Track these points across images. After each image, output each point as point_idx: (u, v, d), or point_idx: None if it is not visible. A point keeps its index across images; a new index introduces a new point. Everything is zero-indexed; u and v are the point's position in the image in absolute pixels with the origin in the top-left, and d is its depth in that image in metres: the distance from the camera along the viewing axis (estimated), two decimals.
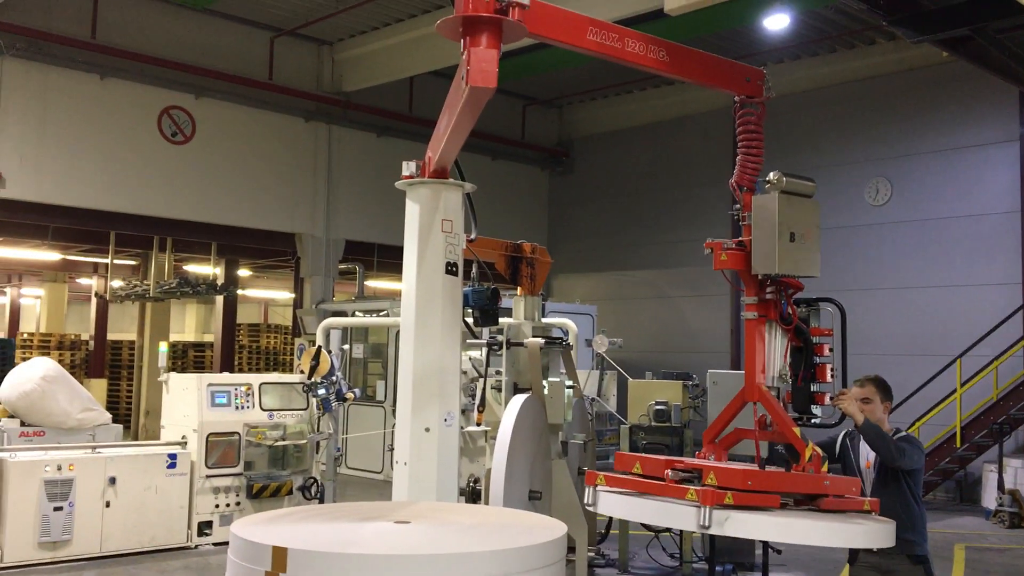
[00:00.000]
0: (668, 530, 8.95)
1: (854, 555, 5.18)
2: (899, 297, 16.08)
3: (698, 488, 4.23)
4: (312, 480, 10.29)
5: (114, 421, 11.14)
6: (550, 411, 7.42)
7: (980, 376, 14.00)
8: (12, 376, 10.54)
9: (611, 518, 8.26)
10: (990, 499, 13.09)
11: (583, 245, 20.64)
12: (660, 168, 19.88)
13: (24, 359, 13.86)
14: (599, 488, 4.69)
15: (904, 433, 5.16)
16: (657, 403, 9.28)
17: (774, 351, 4.94)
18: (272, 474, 10.31)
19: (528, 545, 3.95)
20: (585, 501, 4.74)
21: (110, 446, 9.78)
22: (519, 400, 6.43)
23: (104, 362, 21.54)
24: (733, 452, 5.12)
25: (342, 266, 18.42)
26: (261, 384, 10.51)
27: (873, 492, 5.05)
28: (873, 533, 4.44)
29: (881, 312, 16.24)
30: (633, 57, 4.76)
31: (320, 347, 9.11)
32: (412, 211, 5.58)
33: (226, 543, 4.07)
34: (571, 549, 6.68)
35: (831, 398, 5.00)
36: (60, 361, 14.90)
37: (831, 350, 5.07)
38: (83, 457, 9.19)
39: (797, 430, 4.69)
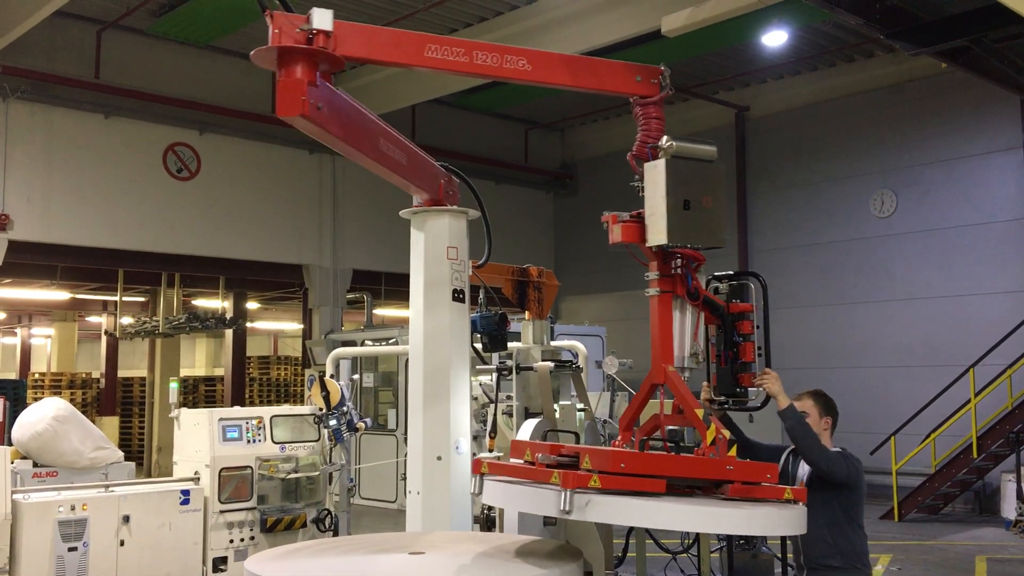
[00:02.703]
0: (685, 551, 8.87)
1: None
2: (909, 308, 16.02)
3: (561, 471, 3.89)
4: (326, 512, 10.23)
5: (126, 458, 11.09)
6: (562, 435, 7.39)
7: (994, 385, 13.91)
8: (24, 417, 10.52)
9: (627, 542, 8.18)
10: (1009, 509, 12.97)
11: (590, 267, 20.63)
12: None
13: (36, 399, 13.88)
14: (484, 476, 4.33)
15: (840, 449, 4.87)
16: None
17: (683, 330, 4.62)
18: (285, 507, 10.24)
19: (544, 572, 3.92)
20: (471, 491, 4.40)
21: (123, 484, 9.73)
22: (531, 425, 6.40)
23: (115, 400, 21.56)
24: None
25: (350, 296, 18.44)
26: (272, 417, 10.48)
27: None
28: (767, 519, 3.99)
29: (891, 324, 16.18)
30: (485, 70, 4.53)
31: (322, 376, 9.08)
32: (417, 240, 5.60)
33: None
34: (588, 574, 6.62)
35: (755, 377, 4.66)
36: (71, 400, 14.93)
37: (756, 327, 4.73)
38: (96, 496, 9.16)
39: (701, 413, 4.35)
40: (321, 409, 8.91)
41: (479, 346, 6.61)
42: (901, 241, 16.25)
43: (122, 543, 9.14)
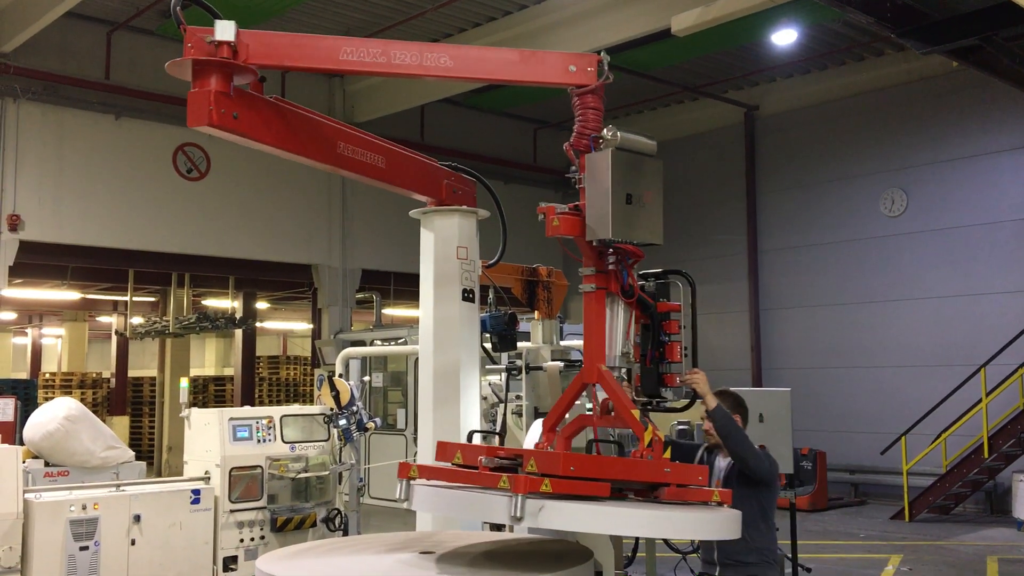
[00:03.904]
0: (695, 551, 8.85)
1: None
2: (919, 308, 15.96)
3: (511, 475, 3.71)
4: (336, 511, 10.25)
5: (137, 458, 11.14)
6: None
7: (1005, 385, 13.85)
8: (35, 417, 10.58)
9: (636, 541, 8.16)
10: (1021, 509, 12.89)
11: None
12: (673, 186, 19.76)
13: (47, 399, 13.95)
14: (413, 481, 4.06)
15: (761, 447, 4.86)
16: (679, 423, 9.21)
17: (616, 327, 4.44)
18: (296, 507, 10.26)
19: (555, 573, 3.92)
20: (397, 496, 4.09)
21: (134, 484, 9.77)
22: (540, 424, 6.39)
23: (126, 399, 21.64)
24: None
25: (359, 295, 18.46)
26: (282, 416, 10.51)
27: None
28: (712, 524, 3.95)
29: (902, 323, 16.12)
30: (405, 69, 4.50)
31: (330, 376, 9.10)
32: (427, 239, 5.60)
33: None
34: (598, 574, 6.61)
35: (680, 378, 4.59)
36: (82, 400, 14.99)
37: (682, 327, 4.68)
38: (108, 496, 9.19)
39: (637, 413, 4.23)
40: (333, 409, 8.92)
41: (489, 346, 6.61)
42: (911, 240, 16.18)
43: (133, 542, 9.17)
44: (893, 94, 16.66)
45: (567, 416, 4.50)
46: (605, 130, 4.36)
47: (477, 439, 4.19)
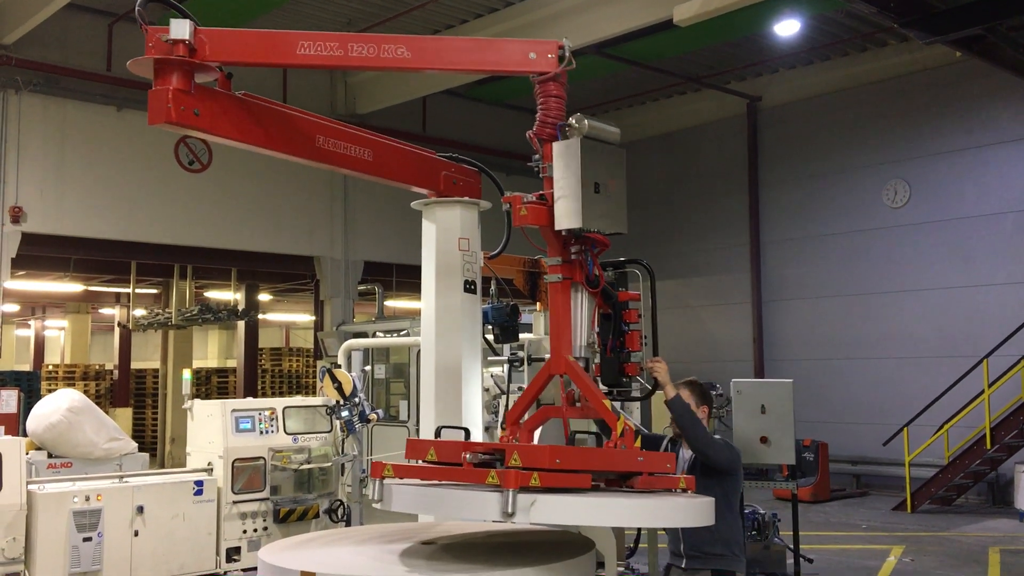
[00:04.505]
0: None
1: (666, 571, 4.84)
2: (922, 299, 15.95)
3: (499, 470, 3.65)
4: (338, 503, 10.28)
5: (140, 449, 11.19)
6: (574, 425, 7.38)
7: (1008, 376, 13.85)
8: (38, 408, 10.61)
9: (639, 532, 8.17)
10: (1023, 500, 12.91)
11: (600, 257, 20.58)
12: (676, 178, 19.85)
13: (50, 391, 13.97)
14: (388, 481, 3.96)
15: (722, 438, 4.84)
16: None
17: (581, 317, 4.41)
18: (298, 498, 10.30)
19: (557, 563, 3.92)
20: (371, 497, 3.99)
21: (137, 475, 9.81)
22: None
23: (129, 391, 21.67)
24: None
25: (361, 287, 18.47)
26: (285, 408, 10.53)
27: None
28: (695, 510, 3.96)
29: (904, 315, 16.12)
30: (363, 62, 4.46)
31: (330, 368, 9.11)
32: (429, 231, 5.59)
33: (255, 569, 4.06)
34: (600, 564, 6.62)
35: (641, 367, 4.55)
36: (85, 391, 15.02)
37: (640, 316, 4.61)
38: (111, 487, 9.22)
39: (608, 403, 4.19)
40: (338, 401, 8.93)
41: (491, 337, 6.60)
42: (914, 232, 16.16)
43: (136, 533, 9.20)
44: (896, 85, 16.62)
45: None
46: (572, 119, 4.33)
47: (450, 435, 4.15)
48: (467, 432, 4.20)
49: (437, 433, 4.33)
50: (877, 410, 15.98)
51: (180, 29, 4.09)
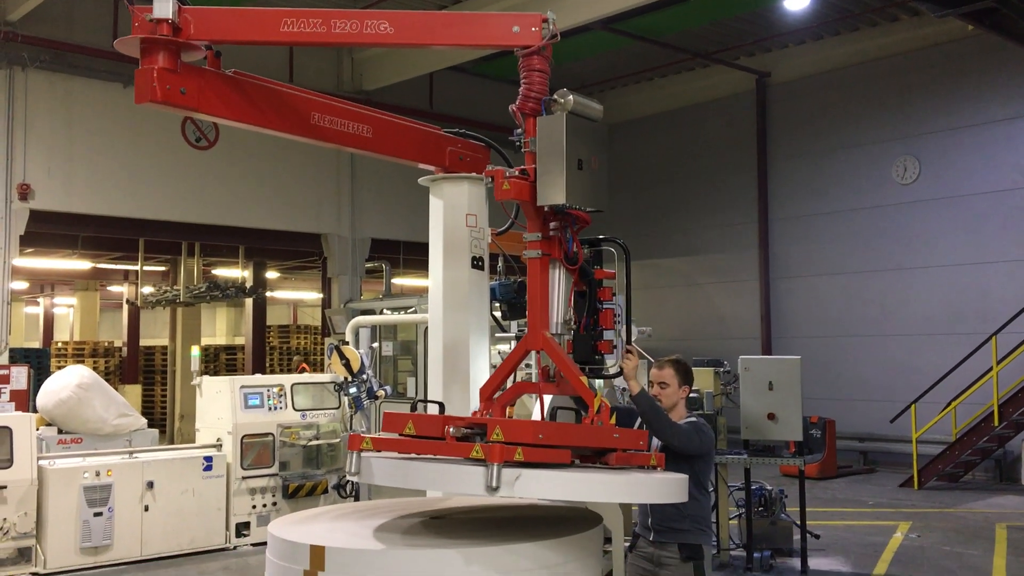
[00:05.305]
0: None
1: (633, 543, 4.88)
2: (932, 276, 15.89)
3: (484, 444, 3.65)
4: (347, 478, 10.33)
5: (149, 426, 11.26)
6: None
7: (1016, 353, 13.80)
8: (48, 384, 10.68)
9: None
10: None
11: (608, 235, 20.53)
12: (684, 155, 19.76)
13: (59, 367, 14.04)
14: (365, 454, 3.96)
15: (694, 419, 4.82)
16: (691, 391, 9.22)
17: (558, 294, 4.43)
18: (307, 473, 10.38)
19: (565, 537, 3.94)
20: (348, 470, 3.99)
21: (147, 451, 9.88)
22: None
23: (138, 368, 21.78)
24: None
25: (369, 265, 18.48)
26: (293, 384, 10.58)
27: None
28: (672, 487, 4.02)
29: (913, 292, 16.07)
30: (346, 38, 4.50)
31: (338, 345, 9.13)
32: (436, 207, 5.57)
33: (264, 543, 4.08)
34: (607, 540, 6.64)
35: (616, 349, 4.56)
36: (94, 368, 15.07)
37: (614, 294, 4.62)
38: (121, 463, 9.30)
39: (585, 379, 4.22)
40: (346, 378, 8.97)
41: (498, 314, 6.61)
42: (924, 208, 16.08)
43: (146, 508, 9.28)
44: (907, 60, 16.47)
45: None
46: (557, 94, 4.31)
47: (432, 410, 4.18)
48: (441, 406, 4.23)
49: (413, 408, 4.36)
50: (885, 387, 15.97)
51: (163, 8, 4.09)
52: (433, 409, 4.22)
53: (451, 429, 3.85)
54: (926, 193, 16.06)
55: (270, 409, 10.23)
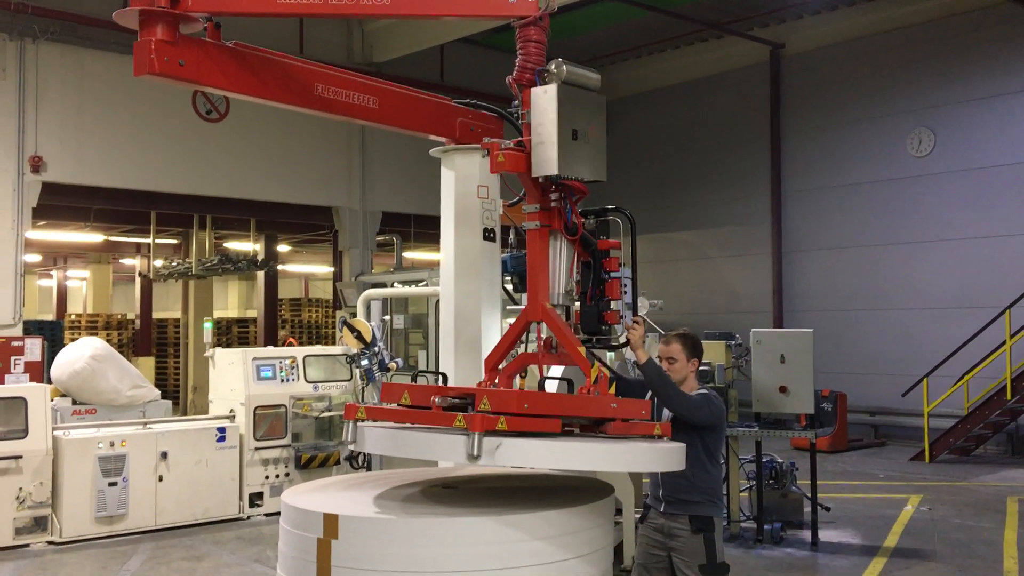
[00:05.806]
0: None
1: (644, 514, 4.89)
2: (946, 249, 15.79)
3: (466, 414, 3.71)
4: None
5: (163, 397, 11.34)
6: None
7: None
8: (62, 356, 10.75)
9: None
10: None
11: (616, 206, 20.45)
12: (697, 127, 19.63)
13: (72, 340, 14.13)
14: (361, 423, 4.07)
15: (705, 391, 4.80)
16: (700, 364, 9.22)
17: (559, 265, 4.45)
18: (319, 444, 10.45)
19: (576, 507, 3.95)
20: (344, 439, 4.13)
21: (161, 422, 9.95)
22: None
23: (151, 340, 21.89)
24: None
25: (380, 238, 18.49)
26: (305, 356, 10.63)
27: None
28: (659, 455, 4.05)
29: (926, 266, 15.98)
30: (342, 9, 4.52)
31: (345, 320, 9.16)
32: (448, 178, 5.56)
33: (277, 513, 4.11)
34: (618, 511, 6.66)
35: (623, 319, 4.57)
36: (108, 341, 15.14)
37: (621, 264, 4.63)
38: (135, 433, 9.37)
39: (583, 350, 4.23)
40: (360, 350, 9.01)
41: (509, 287, 6.60)
42: (938, 181, 15.95)
43: (160, 479, 9.36)
44: (923, 31, 16.27)
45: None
46: (551, 64, 4.28)
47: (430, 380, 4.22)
48: (444, 377, 4.26)
49: (414, 378, 4.40)
50: (897, 361, 15.93)
51: None
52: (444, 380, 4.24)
53: (437, 399, 3.92)
54: (941, 166, 15.93)
55: (282, 381, 10.28)
